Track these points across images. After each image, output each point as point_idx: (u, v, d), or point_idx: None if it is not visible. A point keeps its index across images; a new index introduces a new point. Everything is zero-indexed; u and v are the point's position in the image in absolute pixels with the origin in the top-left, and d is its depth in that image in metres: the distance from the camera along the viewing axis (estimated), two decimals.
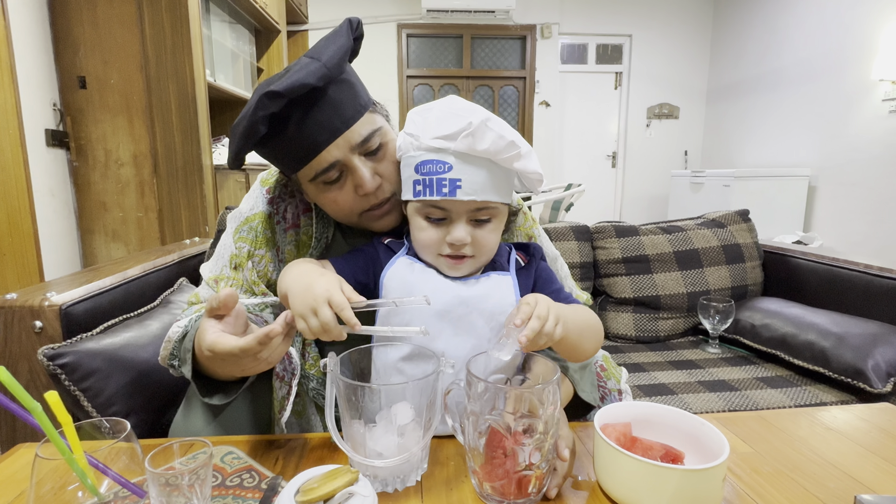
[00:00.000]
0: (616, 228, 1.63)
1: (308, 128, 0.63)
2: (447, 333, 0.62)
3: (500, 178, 0.62)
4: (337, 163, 0.65)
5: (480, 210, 0.62)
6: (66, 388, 0.76)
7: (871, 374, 1.13)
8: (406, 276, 0.64)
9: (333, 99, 0.63)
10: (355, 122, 0.65)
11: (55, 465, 0.42)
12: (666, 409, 0.56)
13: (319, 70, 0.60)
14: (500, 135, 0.59)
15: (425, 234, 0.63)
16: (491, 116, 0.60)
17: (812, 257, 1.52)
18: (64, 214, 2.33)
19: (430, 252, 0.64)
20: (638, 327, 1.57)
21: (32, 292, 0.85)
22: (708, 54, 5.13)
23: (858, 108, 3.45)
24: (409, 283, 0.63)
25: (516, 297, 0.64)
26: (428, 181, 0.60)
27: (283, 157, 0.67)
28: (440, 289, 0.63)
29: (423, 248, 0.65)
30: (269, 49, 3.87)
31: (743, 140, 4.65)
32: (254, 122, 0.59)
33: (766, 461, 0.58)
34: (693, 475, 0.46)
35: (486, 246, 0.64)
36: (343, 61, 0.63)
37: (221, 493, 0.51)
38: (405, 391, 0.52)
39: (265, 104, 0.58)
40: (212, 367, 0.63)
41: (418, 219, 0.64)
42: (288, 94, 0.58)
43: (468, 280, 0.65)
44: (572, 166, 5.38)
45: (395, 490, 0.53)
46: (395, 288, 0.63)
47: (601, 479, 0.52)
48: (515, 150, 0.60)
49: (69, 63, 2.26)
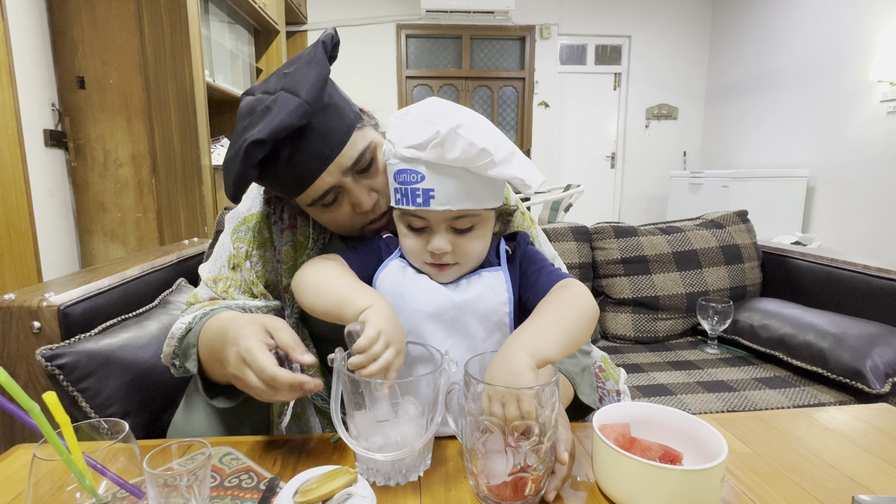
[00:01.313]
0: (615, 229, 1.63)
1: (298, 161, 0.62)
2: (440, 336, 0.62)
3: (476, 185, 0.59)
4: (332, 188, 0.66)
5: (459, 219, 0.60)
6: (65, 389, 0.75)
7: (869, 374, 1.14)
8: (398, 280, 0.64)
9: (319, 129, 0.62)
10: (344, 145, 0.64)
11: (53, 465, 0.41)
12: (664, 409, 0.56)
13: (300, 108, 0.58)
14: (471, 142, 0.56)
15: (409, 242, 0.64)
16: (463, 123, 0.57)
17: (810, 258, 1.53)
18: (62, 214, 2.32)
19: (416, 259, 0.65)
20: (637, 328, 1.57)
21: (30, 293, 0.85)
22: (707, 55, 5.14)
23: (857, 109, 3.46)
24: (400, 287, 0.63)
25: (508, 291, 0.64)
26: (404, 190, 0.60)
27: (279, 188, 0.68)
28: (432, 291, 0.63)
29: (409, 255, 0.65)
30: (269, 49, 3.87)
31: (741, 141, 4.66)
32: (244, 170, 0.60)
33: (764, 462, 0.59)
34: (691, 475, 0.46)
35: (470, 254, 0.63)
36: (322, 92, 0.61)
37: (220, 494, 0.51)
38: (408, 387, 0.53)
39: (252, 153, 0.58)
40: (212, 368, 0.63)
41: (401, 226, 0.64)
42: (272, 138, 0.58)
43: (459, 282, 0.64)
44: (571, 167, 5.38)
45: (396, 484, 0.53)
46: (387, 291, 0.63)
47: (600, 479, 0.52)
48: (488, 158, 0.57)
49: (68, 63, 2.26)
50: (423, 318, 0.62)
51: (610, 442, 0.50)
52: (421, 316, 0.62)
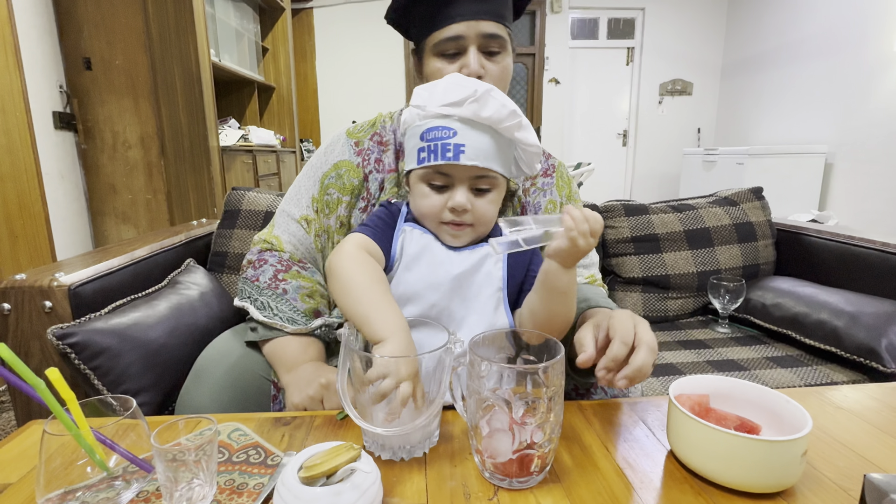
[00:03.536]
0: (625, 207, 1.60)
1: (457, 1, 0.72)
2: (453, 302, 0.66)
3: (501, 147, 0.65)
4: (460, 38, 0.74)
5: (481, 178, 0.65)
6: (77, 367, 0.77)
7: (884, 353, 1.12)
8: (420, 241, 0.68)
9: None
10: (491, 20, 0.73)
11: (64, 440, 0.42)
12: (745, 383, 0.56)
13: None
14: (503, 104, 0.63)
15: (427, 201, 0.66)
16: (494, 88, 0.64)
17: (826, 235, 1.49)
18: (74, 196, 2.35)
19: (432, 219, 0.67)
20: (646, 307, 1.56)
21: (41, 273, 0.86)
22: (724, 28, 4.98)
23: (879, 82, 3.34)
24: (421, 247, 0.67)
25: (504, 267, 0.68)
26: (433, 146, 0.63)
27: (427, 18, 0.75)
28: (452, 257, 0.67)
29: (425, 215, 0.68)
30: (274, 27, 3.82)
31: (758, 117, 4.54)
32: None
33: None
34: (769, 446, 0.45)
35: (485, 216, 0.67)
36: None
37: (228, 469, 0.52)
38: None
39: None
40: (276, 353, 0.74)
41: (421, 186, 0.67)
42: None
43: (463, 251, 0.68)
44: (582, 145, 5.30)
45: (401, 459, 0.54)
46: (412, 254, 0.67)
47: (675, 447, 0.53)
48: (517, 119, 0.64)
49: (74, 44, 2.25)
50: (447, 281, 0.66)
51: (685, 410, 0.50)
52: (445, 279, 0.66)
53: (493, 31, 0.74)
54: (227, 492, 0.49)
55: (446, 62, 0.76)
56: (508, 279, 0.68)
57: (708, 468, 0.49)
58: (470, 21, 0.73)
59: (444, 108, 0.63)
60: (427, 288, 0.65)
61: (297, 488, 0.42)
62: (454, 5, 0.73)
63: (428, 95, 0.65)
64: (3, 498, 0.48)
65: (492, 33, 0.74)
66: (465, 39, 0.74)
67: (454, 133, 0.63)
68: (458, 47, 0.75)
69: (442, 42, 0.75)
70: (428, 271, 0.66)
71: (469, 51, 0.75)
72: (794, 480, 0.48)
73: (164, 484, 0.42)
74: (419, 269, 0.66)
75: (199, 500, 0.44)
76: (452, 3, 0.73)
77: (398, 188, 0.82)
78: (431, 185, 0.66)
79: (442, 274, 0.65)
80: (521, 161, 0.70)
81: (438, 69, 0.76)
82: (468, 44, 0.75)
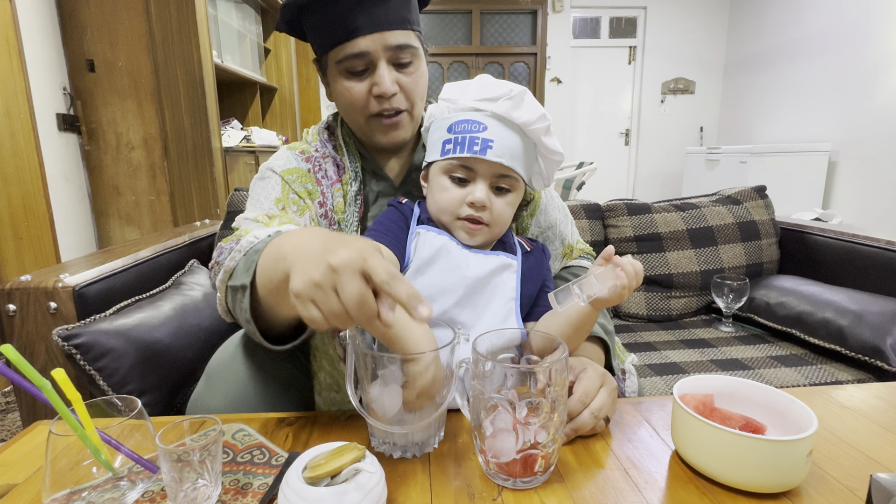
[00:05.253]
0: (628, 206, 1.60)
1: (356, 13, 0.66)
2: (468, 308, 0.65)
3: (527, 150, 0.66)
4: (366, 54, 0.68)
5: (503, 177, 0.65)
6: (82, 368, 0.77)
7: (889, 352, 1.11)
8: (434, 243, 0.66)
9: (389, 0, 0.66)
10: (398, 29, 0.68)
11: (69, 441, 0.42)
12: (750, 383, 0.56)
13: None
14: (535, 106, 0.64)
15: (447, 195, 0.65)
16: (527, 90, 0.65)
17: (830, 233, 1.49)
18: (78, 198, 2.35)
19: (449, 214, 0.66)
20: (649, 306, 1.56)
21: (46, 274, 0.86)
22: (726, 26, 4.96)
23: (883, 80, 3.32)
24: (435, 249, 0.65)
25: (517, 281, 0.67)
26: (460, 139, 0.63)
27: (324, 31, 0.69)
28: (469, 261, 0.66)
29: (443, 209, 0.66)
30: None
31: (761, 115, 4.52)
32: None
33: None
34: (774, 446, 0.45)
35: (502, 216, 0.66)
36: None
37: (232, 469, 0.52)
38: None
39: None
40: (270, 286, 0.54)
41: (441, 178, 0.66)
42: None
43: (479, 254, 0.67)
44: (584, 144, 5.29)
45: (412, 456, 0.54)
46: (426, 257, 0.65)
47: (679, 447, 0.53)
48: (546, 123, 0.64)
49: (77, 46, 2.25)
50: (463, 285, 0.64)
51: (690, 410, 0.50)
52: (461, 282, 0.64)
53: (402, 42, 0.68)
54: (231, 492, 0.49)
55: (355, 80, 0.70)
56: (522, 291, 0.67)
57: (713, 468, 0.49)
58: (374, 34, 0.66)
59: (478, 103, 0.63)
60: (440, 293, 0.64)
61: (302, 488, 0.42)
62: (353, 17, 0.66)
63: (459, 91, 0.66)
64: (9, 498, 0.48)
65: (400, 44, 0.68)
66: (372, 55, 0.68)
67: (484, 128, 0.63)
68: (365, 63, 0.68)
69: (346, 59, 0.68)
70: (442, 276, 0.64)
71: (379, 66, 0.68)
72: (800, 480, 0.48)
73: (169, 484, 0.43)
74: (432, 273, 0.64)
75: (204, 500, 0.44)
76: (351, 14, 0.66)
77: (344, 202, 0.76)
78: (452, 178, 0.65)
79: (457, 279, 0.64)
80: (539, 173, 0.71)
81: (347, 89, 0.70)
82: (376, 58, 0.68)
